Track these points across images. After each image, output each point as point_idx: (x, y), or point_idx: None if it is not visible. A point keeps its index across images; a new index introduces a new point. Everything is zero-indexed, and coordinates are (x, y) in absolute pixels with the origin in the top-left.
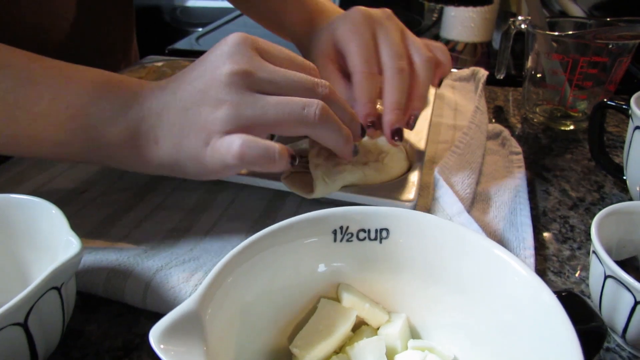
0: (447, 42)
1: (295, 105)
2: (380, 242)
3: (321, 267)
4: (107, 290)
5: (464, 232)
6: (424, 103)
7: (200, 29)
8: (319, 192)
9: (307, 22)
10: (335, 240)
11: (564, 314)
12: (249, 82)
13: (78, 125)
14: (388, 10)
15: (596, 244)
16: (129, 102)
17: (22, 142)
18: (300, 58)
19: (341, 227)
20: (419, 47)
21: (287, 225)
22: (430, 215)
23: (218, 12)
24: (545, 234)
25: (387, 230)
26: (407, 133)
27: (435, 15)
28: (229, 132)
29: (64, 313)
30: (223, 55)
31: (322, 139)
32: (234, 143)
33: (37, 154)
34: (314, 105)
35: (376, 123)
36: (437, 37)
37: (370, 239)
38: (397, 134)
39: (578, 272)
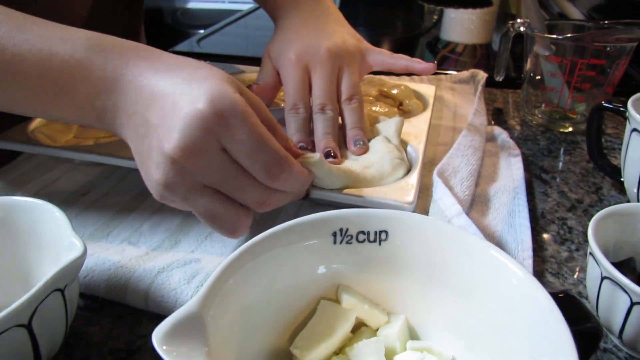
0: (447, 44)
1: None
2: (380, 244)
3: (321, 269)
4: (109, 292)
5: (461, 234)
6: (360, 130)
7: (201, 31)
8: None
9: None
10: (335, 242)
11: (559, 314)
12: (186, 172)
13: (65, 101)
14: (328, 49)
15: (593, 245)
16: (108, 87)
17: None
18: (271, 150)
19: (341, 229)
20: (348, 87)
21: (287, 228)
22: (428, 217)
23: (219, 14)
24: (544, 236)
25: (386, 232)
26: (406, 135)
27: (435, 17)
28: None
29: (67, 315)
30: (186, 123)
31: None
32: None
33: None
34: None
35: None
36: (437, 39)
37: (369, 241)
38: (330, 156)
39: (576, 273)
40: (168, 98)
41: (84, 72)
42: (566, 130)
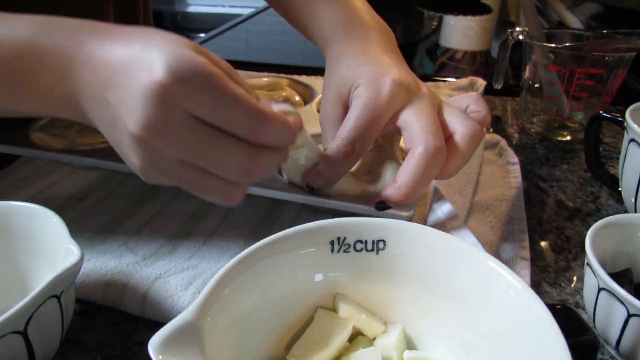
0: (446, 51)
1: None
2: (377, 253)
3: (318, 278)
4: (106, 298)
5: (459, 244)
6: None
7: (202, 35)
8: None
9: (335, 30)
10: (332, 251)
11: (556, 327)
12: (160, 150)
13: (21, 94)
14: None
15: (590, 256)
16: (63, 74)
17: None
18: (248, 106)
19: (338, 238)
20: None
21: (285, 236)
22: (426, 227)
23: (219, 18)
24: (541, 245)
25: (383, 241)
26: (403, 143)
27: (435, 23)
28: None
29: (63, 321)
30: (145, 97)
31: None
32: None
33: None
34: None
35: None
36: (436, 45)
37: (367, 249)
38: (383, 209)
39: (573, 283)
40: (123, 73)
41: (35, 61)
42: (564, 139)
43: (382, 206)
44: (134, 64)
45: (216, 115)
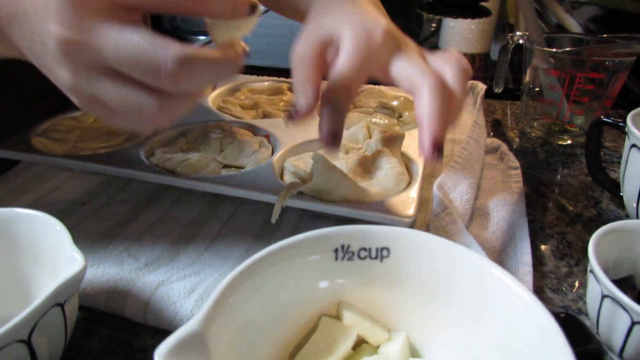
0: None
1: (132, 109)
2: (381, 260)
3: (322, 286)
4: (109, 305)
5: (462, 251)
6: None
7: (202, 37)
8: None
9: None
10: (336, 258)
11: (562, 336)
12: (82, 58)
13: None
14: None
15: (593, 263)
16: None
17: None
18: None
19: (342, 246)
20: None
21: (289, 244)
22: (430, 234)
23: None
24: (543, 250)
25: (387, 249)
26: (405, 147)
27: (434, 25)
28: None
29: (67, 329)
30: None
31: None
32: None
33: None
34: (150, 109)
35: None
36: (435, 48)
37: (371, 257)
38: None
39: (575, 288)
40: None
41: None
42: (565, 143)
43: (439, 153)
44: None
45: None
